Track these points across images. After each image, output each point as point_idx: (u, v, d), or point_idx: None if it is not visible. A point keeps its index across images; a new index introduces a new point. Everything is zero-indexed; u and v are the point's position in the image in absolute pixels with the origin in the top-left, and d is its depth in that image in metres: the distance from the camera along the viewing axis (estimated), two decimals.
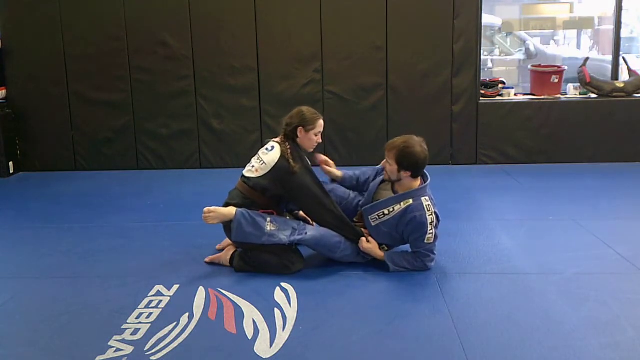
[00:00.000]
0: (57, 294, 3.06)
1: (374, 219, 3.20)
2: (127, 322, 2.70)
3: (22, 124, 5.95)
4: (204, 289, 3.04)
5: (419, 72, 5.65)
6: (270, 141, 3.35)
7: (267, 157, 3.23)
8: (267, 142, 3.37)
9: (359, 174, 3.59)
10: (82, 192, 5.23)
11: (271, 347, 2.47)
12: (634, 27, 9.07)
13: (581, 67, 5.81)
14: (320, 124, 3.31)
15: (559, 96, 5.89)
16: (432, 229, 3.10)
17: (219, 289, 3.03)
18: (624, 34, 6.77)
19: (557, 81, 5.88)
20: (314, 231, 3.21)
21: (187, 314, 2.77)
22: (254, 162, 3.31)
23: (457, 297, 2.89)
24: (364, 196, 3.43)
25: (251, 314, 2.76)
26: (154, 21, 5.70)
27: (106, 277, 3.24)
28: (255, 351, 2.44)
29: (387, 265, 3.18)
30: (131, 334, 2.59)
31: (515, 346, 2.43)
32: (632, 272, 3.16)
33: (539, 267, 3.25)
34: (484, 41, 6.32)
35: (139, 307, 2.85)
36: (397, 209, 3.12)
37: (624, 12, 6.03)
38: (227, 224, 3.19)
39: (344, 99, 5.72)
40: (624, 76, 5.97)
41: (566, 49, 9.38)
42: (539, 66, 6.20)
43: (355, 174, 3.60)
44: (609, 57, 6.29)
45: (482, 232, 3.82)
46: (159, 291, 3.03)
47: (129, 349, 2.47)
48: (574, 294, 2.90)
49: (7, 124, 5.82)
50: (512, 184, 5.07)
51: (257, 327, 2.64)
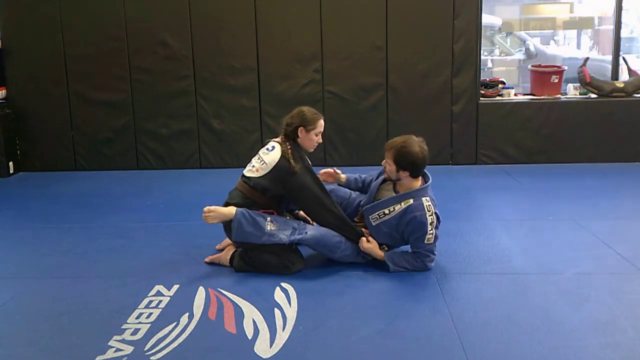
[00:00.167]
0: (57, 294, 3.06)
1: (374, 219, 3.21)
2: (127, 322, 2.70)
3: (22, 124, 5.95)
4: (204, 289, 3.04)
5: (419, 72, 5.65)
6: (270, 141, 3.35)
7: (268, 157, 3.23)
8: (267, 142, 3.37)
9: (365, 177, 3.60)
10: (82, 192, 5.23)
11: (271, 347, 2.47)
12: (634, 27, 9.07)
13: (581, 67, 5.81)
14: (320, 124, 3.31)
15: (559, 96, 5.89)
16: (432, 229, 3.10)
17: (219, 289, 3.03)
18: (624, 34, 6.77)
19: (557, 81, 5.88)
20: (314, 231, 3.21)
21: (187, 314, 2.77)
22: (254, 162, 3.31)
23: (457, 297, 2.89)
24: (366, 196, 3.44)
25: (251, 314, 2.76)
26: (154, 21, 5.70)
27: (106, 277, 3.24)
28: (255, 351, 2.44)
29: (387, 265, 3.19)
30: (131, 334, 2.59)
31: (515, 346, 2.43)
32: (632, 272, 3.16)
33: (539, 267, 3.25)
34: (484, 41, 6.32)
35: (139, 307, 2.85)
36: (398, 208, 3.12)
37: (624, 12, 6.03)
38: (227, 224, 3.19)
39: (344, 99, 5.72)
40: (624, 76, 5.97)
41: (566, 49, 9.38)
42: (539, 66, 6.20)
43: (360, 176, 3.61)
44: (609, 57, 6.29)
45: (482, 232, 3.82)
46: (159, 291, 3.03)
47: (129, 349, 2.47)
48: (574, 294, 2.90)
49: (7, 124, 5.82)
50: (512, 184, 5.07)
51: (257, 327, 2.64)
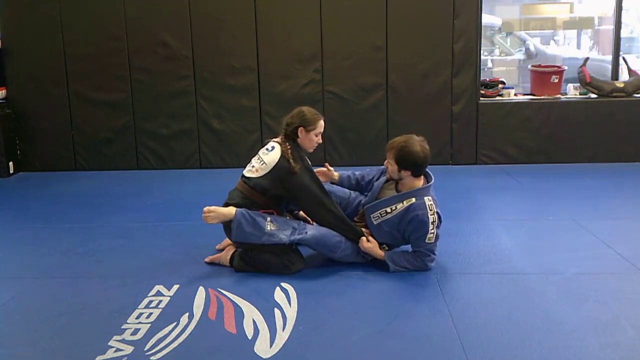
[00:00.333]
0: (57, 294, 3.06)
1: (375, 218, 3.21)
2: (127, 322, 2.70)
3: (22, 124, 5.95)
4: (204, 289, 3.04)
5: (419, 72, 5.65)
6: (270, 141, 3.35)
7: (268, 157, 3.22)
8: (267, 142, 3.37)
9: (360, 174, 3.60)
10: (82, 192, 5.23)
11: (271, 347, 2.47)
12: (634, 27, 9.07)
13: (581, 67, 5.81)
14: (320, 125, 3.31)
15: (559, 96, 5.89)
16: (433, 229, 3.09)
17: (219, 289, 3.03)
18: (624, 34, 6.76)
19: (557, 81, 5.88)
20: (314, 230, 3.21)
21: (187, 314, 2.77)
22: (254, 162, 3.31)
23: (457, 297, 2.89)
24: (366, 196, 3.44)
25: (251, 314, 2.76)
26: (154, 21, 5.71)
27: (106, 277, 3.24)
28: (255, 351, 2.44)
29: (387, 265, 3.19)
30: (131, 334, 2.59)
31: (515, 346, 2.43)
32: (632, 272, 3.16)
33: (539, 267, 3.25)
34: (484, 41, 6.32)
35: (139, 307, 2.85)
36: (400, 207, 3.12)
37: (624, 12, 6.03)
38: (227, 224, 3.19)
39: (344, 99, 5.72)
40: (624, 76, 5.97)
41: (566, 49, 9.38)
42: (539, 66, 6.20)
43: (354, 174, 3.61)
44: (609, 57, 6.29)
45: (482, 232, 3.82)
46: (159, 291, 3.03)
47: (129, 349, 2.47)
48: (574, 294, 2.90)
49: (7, 124, 5.82)
50: (512, 184, 5.07)
51: (257, 327, 2.64)
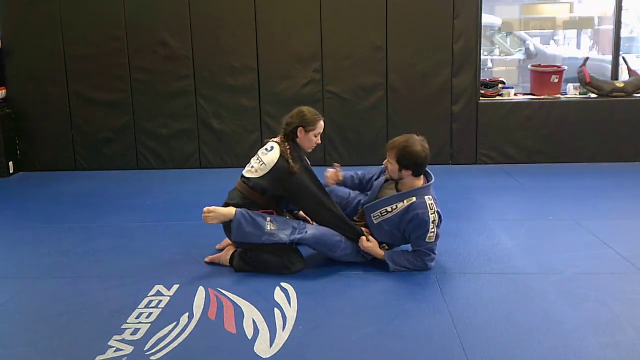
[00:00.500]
0: (57, 294, 3.06)
1: (376, 217, 3.21)
2: (127, 322, 2.70)
3: (22, 124, 5.95)
4: (204, 289, 3.04)
5: (419, 72, 5.65)
6: (269, 141, 3.35)
7: (267, 158, 3.22)
8: (266, 143, 3.37)
9: (362, 174, 3.60)
10: (82, 192, 5.23)
11: (271, 347, 2.47)
12: (634, 27, 9.07)
13: (581, 67, 5.81)
14: (320, 125, 3.31)
15: (559, 96, 5.89)
16: (433, 228, 3.10)
17: (219, 289, 3.03)
18: (624, 34, 6.76)
19: (557, 81, 5.88)
20: (314, 230, 3.21)
21: (187, 314, 2.77)
22: (253, 162, 3.30)
23: (457, 297, 2.89)
24: (366, 196, 3.44)
25: (251, 314, 2.76)
26: (154, 21, 5.71)
27: (106, 277, 3.24)
28: (255, 351, 2.44)
29: (387, 264, 3.19)
30: (131, 334, 2.59)
31: (515, 346, 2.43)
32: (632, 272, 3.16)
33: (539, 267, 3.25)
34: (484, 41, 6.32)
35: (139, 307, 2.85)
36: (400, 206, 3.12)
37: (624, 12, 6.03)
38: (227, 224, 3.19)
39: (344, 99, 5.72)
40: (624, 76, 5.97)
41: (566, 49, 9.38)
42: (539, 66, 6.20)
43: (357, 174, 3.61)
44: (609, 57, 6.29)
45: (482, 232, 3.82)
46: (159, 291, 3.03)
47: (129, 349, 2.47)
48: (574, 294, 2.90)
49: (7, 124, 5.82)
50: (512, 184, 5.07)
51: (257, 327, 2.64)
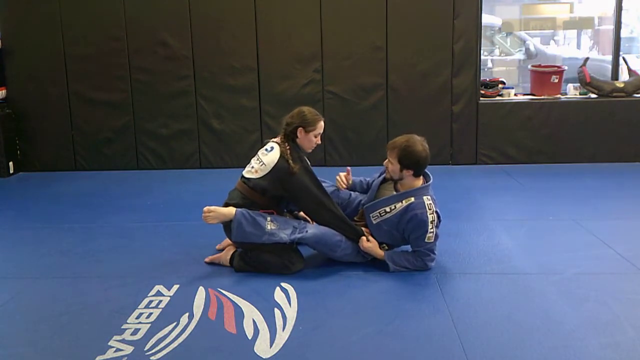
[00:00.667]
0: (57, 294, 3.06)
1: (375, 217, 3.21)
2: (127, 322, 2.70)
3: (22, 124, 5.95)
4: (204, 289, 3.04)
5: (419, 72, 5.65)
6: (269, 141, 3.35)
7: (267, 158, 3.22)
8: (266, 143, 3.37)
9: (370, 179, 3.59)
10: (82, 192, 5.23)
11: (271, 347, 2.47)
12: (634, 27, 9.07)
13: (581, 67, 5.81)
14: (320, 126, 3.30)
15: (559, 96, 5.89)
16: (432, 228, 3.10)
17: (219, 289, 3.03)
18: (624, 34, 6.76)
19: (557, 81, 5.88)
20: (314, 229, 3.21)
21: (187, 314, 2.77)
22: (253, 162, 3.30)
23: (457, 297, 2.89)
24: (366, 196, 3.43)
25: (251, 314, 2.76)
26: (154, 21, 5.71)
27: (106, 277, 3.24)
28: (255, 351, 2.44)
29: (387, 265, 3.19)
30: (131, 334, 2.59)
31: (515, 346, 2.43)
32: (632, 272, 3.16)
33: (539, 267, 3.25)
34: (484, 41, 6.32)
35: (139, 307, 2.85)
36: (399, 206, 3.12)
37: (624, 12, 6.03)
38: (227, 224, 3.19)
39: (344, 99, 5.72)
40: (624, 76, 5.97)
41: (566, 49, 9.38)
42: (539, 66, 6.20)
43: (365, 179, 3.61)
44: (609, 57, 6.29)
45: (482, 232, 3.82)
46: (159, 291, 3.03)
47: (129, 349, 2.47)
48: (574, 294, 2.90)
49: (7, 124, 5.82)
50: (512, 184, 5.07)
51: (257, 327, 2.64)
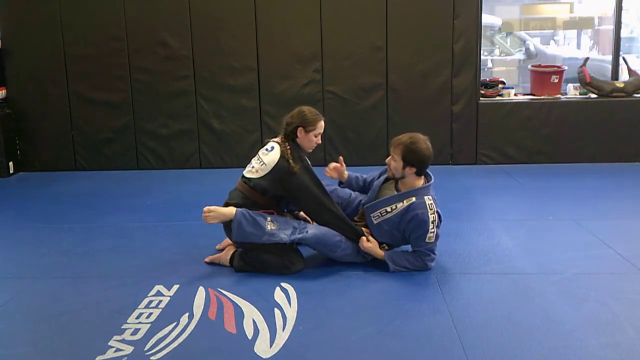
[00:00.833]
0: (57, 294, 3.06)
1: (376, 217, 3.21)
2: (127, 322, 2.71)
3: (22, 124, 5.95)
4: (204, 289, 3.04)
5: (419, 72, 5.65)
6: (269, 141, 3.35)
7: (267, 158, 3.22)
8: (266, 143, 3.37)
9: (366, 177, 3.60)
10: (82, 192, 5.23)
11: (271, 347, 2.47)
12: (634, 27, 9.07)
13: (581, 67, 5.81)
14: (320, 125, 3.30)
15: (559, 96, 5.89)
16: (433, 228, 3.10)
17: (219, 289, 3.03)
18: (624, 34, 6.76)
19: (557, 81, 5.88)
20: (314, 229, 3.21)
21: (187, 314, 2.77)
22: (253, 162, 3.30)
23: (457, 297, 2.89)
24: (366, 196, 3.43)
25: (251, 314, 2.76)
26: (154, 21, 5.70)
27: (106, 277, 3.24)
28: (255, 351, 2.44)
29: (387, 265, 3.19)
30: (131, 334, 2.59)
31: (515, 346, 2.43)
32: (632, 272, 3.16)
33: (539, 267, 3.25)
34: (484, 41, 6.31)
35: (139, 307, 2.85)
36: (400, 206, 3.12)
37: (624, 12, 6.02)
38: (227, 224, 3.19)
39: (344, 99, 5.72)
40: (624, 76, 5.97)
41: (566, 49, 9.38)
42: (539, 66, 6.20)
43: (362, 176, 3.61)
44: (609, 57, 6.29)
45: (482, 232, 3.82)
46: (159, 291, 3.03)
47: (129, 349, 2.47)
48: (574, 294, 2.90)
49: (7, 124, 5.82)
50: (512, 184, 5.07)
51: (257, 327, 2.64)
